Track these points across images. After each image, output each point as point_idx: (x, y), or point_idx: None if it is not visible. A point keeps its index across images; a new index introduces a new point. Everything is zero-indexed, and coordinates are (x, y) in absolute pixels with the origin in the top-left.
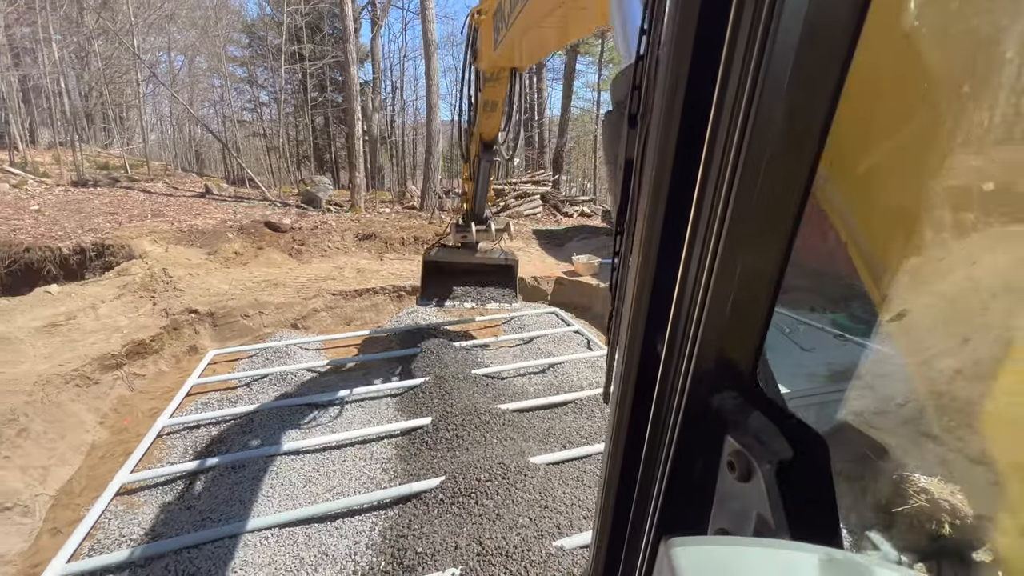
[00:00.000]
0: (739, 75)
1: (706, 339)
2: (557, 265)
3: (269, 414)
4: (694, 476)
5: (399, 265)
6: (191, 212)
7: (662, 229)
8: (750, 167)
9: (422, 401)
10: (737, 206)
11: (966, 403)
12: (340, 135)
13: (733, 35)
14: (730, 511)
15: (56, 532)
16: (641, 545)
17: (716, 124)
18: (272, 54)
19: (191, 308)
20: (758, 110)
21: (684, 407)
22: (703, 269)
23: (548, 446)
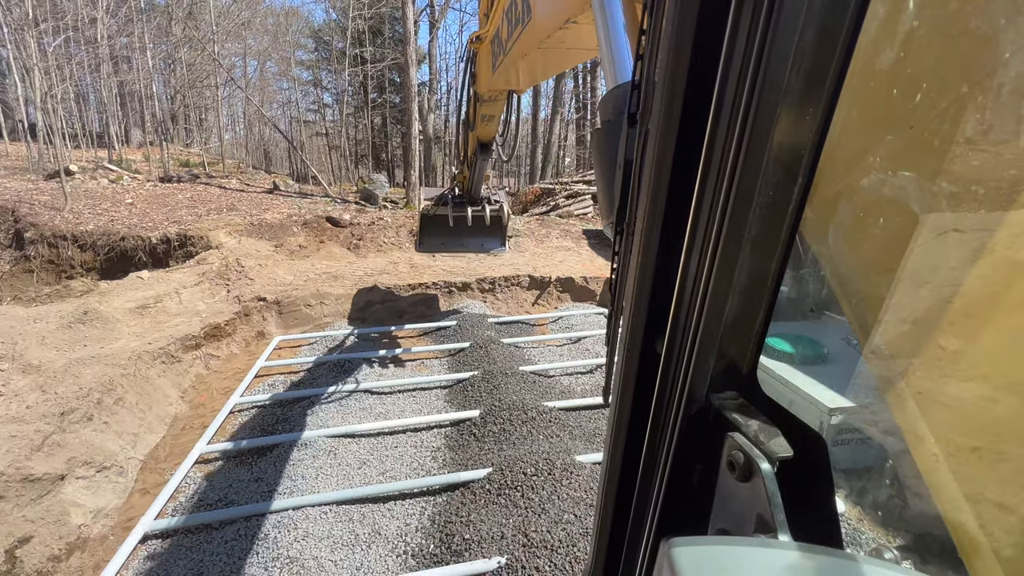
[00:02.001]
0: (738, 75)
1: (706, 339)
2: (607, 265)
3: (328, 397)
4: (694, 476)
5: (451, 262)
6: (260, 207)
7: (662, 229)
8: (750, 167)
9: (470, 394)
10: (737, 206)
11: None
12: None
13: (732, 35)
14: (730, 511)
15: (145, 492)
16: (641, 545)
17: (715, 124)
18: (336, 58)
19: (260, 296)
20: (758, 110)
21: (684, 407)
22: (703, 269)
23: (594, 446)
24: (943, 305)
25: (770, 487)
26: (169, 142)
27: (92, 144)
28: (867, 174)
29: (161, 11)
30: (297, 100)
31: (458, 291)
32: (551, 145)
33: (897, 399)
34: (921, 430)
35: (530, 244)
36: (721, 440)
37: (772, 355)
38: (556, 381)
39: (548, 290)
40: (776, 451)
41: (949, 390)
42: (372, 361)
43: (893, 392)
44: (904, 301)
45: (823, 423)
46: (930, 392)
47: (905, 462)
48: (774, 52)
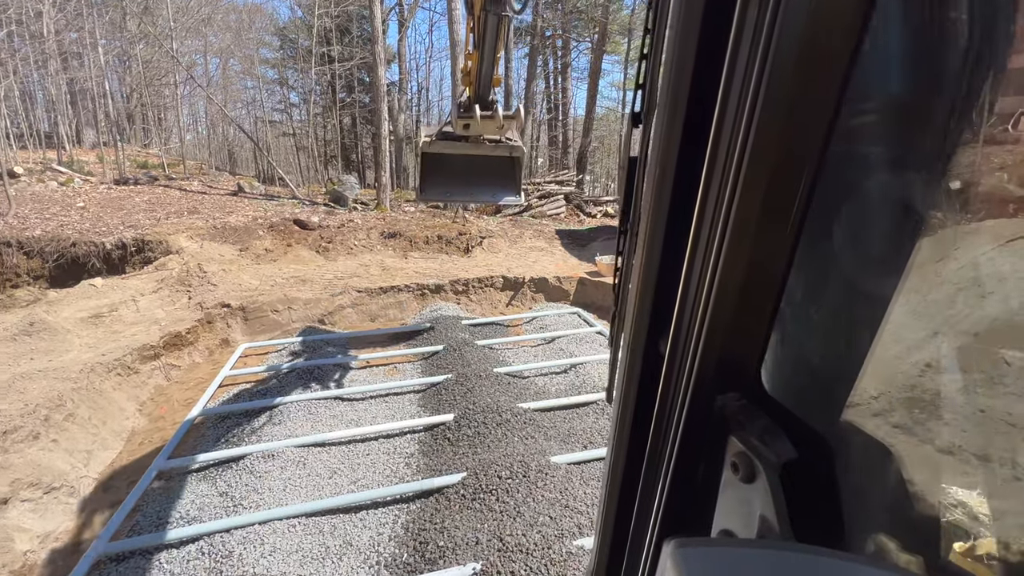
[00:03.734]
0: (744, 73)
1: (709, 339)
2: (580, 265)
3: (297, 406)
4: (697, 477)
5: (423, 264)
6: (224, 210)
7: (666, 229)
8: (754, 166)
9: (444, 398)
10: (741, 205)
11: (935, 395)
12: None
13: (738, 33)
14: (734, 512)
15: (99, 513)
16: (644, 546)
17: (720, 122)
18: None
19: (224, 303)
20: (763, 108)
21: (687, 408)
22: (707, 269)
23: (569, 446)
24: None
25: (774, 489)
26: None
27: (40, 145)
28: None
29: (114, 5)
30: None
31: (431, 293)
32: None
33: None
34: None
35: (503, 245)
36: (725, 441)
37: None
38: (531, 382)
39: (522, 291)
40: (780, 452)
41: (1018, 409)
42: (343, 367)
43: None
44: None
45: None
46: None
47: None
48: (779, 50)
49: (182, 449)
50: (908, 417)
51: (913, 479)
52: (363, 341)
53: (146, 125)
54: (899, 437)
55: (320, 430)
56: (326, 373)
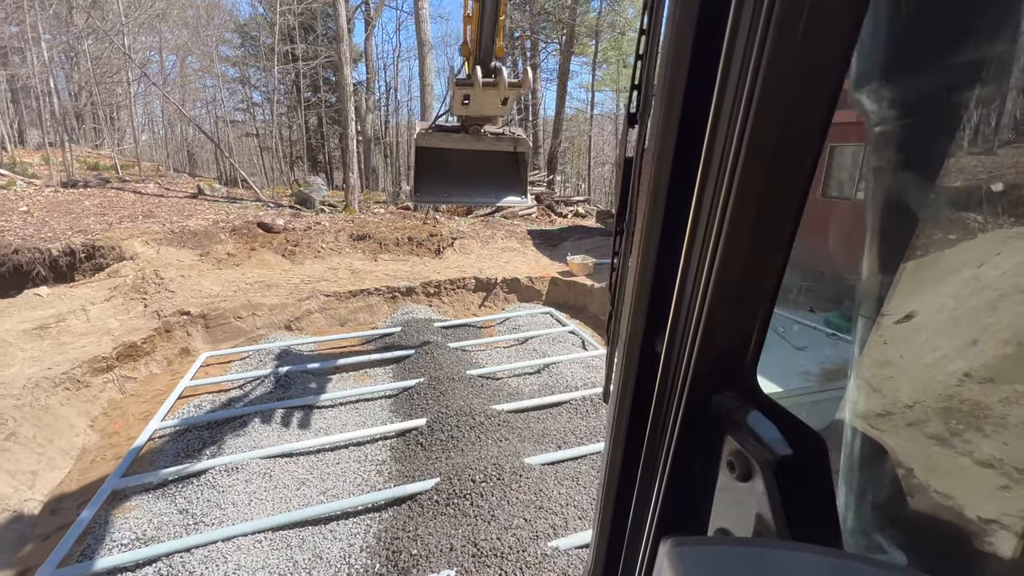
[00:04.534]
0: (739, 73)
1: (706, 339)
2: (552, 265)
3: (262, 416)
4: (694, 476)
5: (394, 266)
6: (183, 213)
7: (661, 228)
8: (750, 166)
9: (417, 402)
10: (737, 205)
11: (975, 406)
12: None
13: (733, 33)
14: (730, 511)
15: (45, 538)
16: (641, 545)
17: (716, 123)
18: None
19: (183, 310)
20: (758, 109)
21: (683, 407)
22: (702, 268)
23: (543, 447)
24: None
25: (769, 487)
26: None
27: None
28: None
29: None
30: (223, 98)
31: (402, 296)
32: None
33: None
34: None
35: (475, 246)
36: (721, 440)
37: None
38: (504, 383)
39: (494, 291)
40: (775, 451)
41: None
42: (311, 374)
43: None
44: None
45: None
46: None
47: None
48: (775, 50)
49: (138, 466)
50: (944, 428)
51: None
52: (332, 346)
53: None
54: (934, 448)
55: (287, 440)
56: (293, 381)
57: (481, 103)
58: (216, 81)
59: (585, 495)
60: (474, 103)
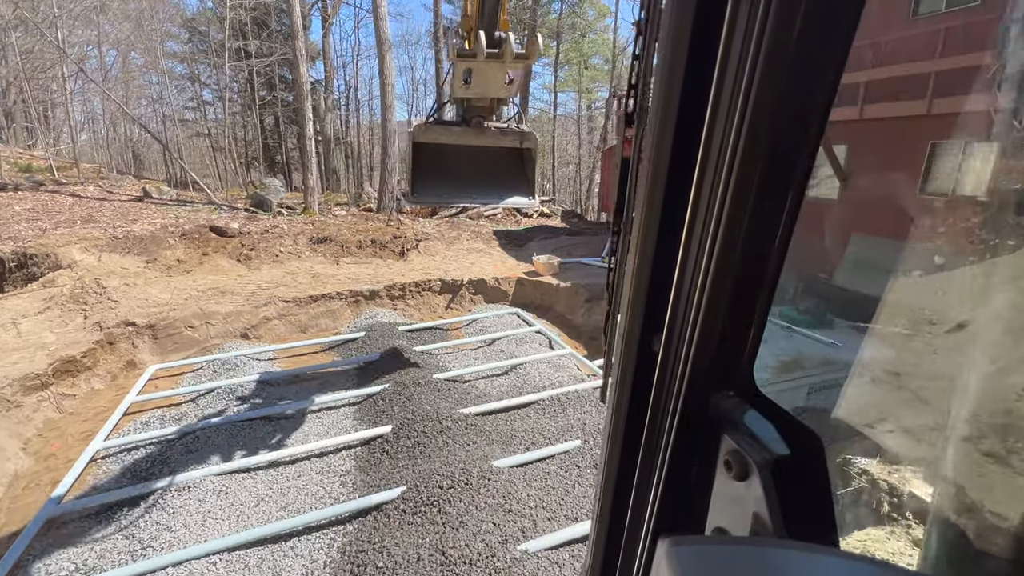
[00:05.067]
0: (735, 72)
1: (703, 338)
2: (518, 265)
3: (217, 430)
4: (691, 475)
5: (356, 269)
6: (127, 217)
7: (659, 228)
8: (746, 165)
9: (382, 409)
10: (734, 206)
11: None
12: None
13: (729, 34)
14: (727, 510)
15: None
16: (638, 545)
17: (712, 122)
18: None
19: (128, 320)
20: (754, 108)
21: (681, 406)
22: (700, 268)
23: (511, 449)
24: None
25: (766, 486)
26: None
27: None
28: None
29: None
30: (170, 96)
31: (365, 300)
32: None
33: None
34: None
35: (441, 247)
36: (718, 439)
37: None
38: (471, 386)
39: (460, 293)
40: (772, 450)
41: None
42: (270, 383)
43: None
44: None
45: None
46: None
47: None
48: (771, 51)
49: (78, 490)
50: (1002, 445)
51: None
52: (292, 354)
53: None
54: (990, 466)
55: (244, 454)
56: (250, 391)
57: (485, 81)
58: (163, 78)
59: (554, 495)
60: (477, 81)
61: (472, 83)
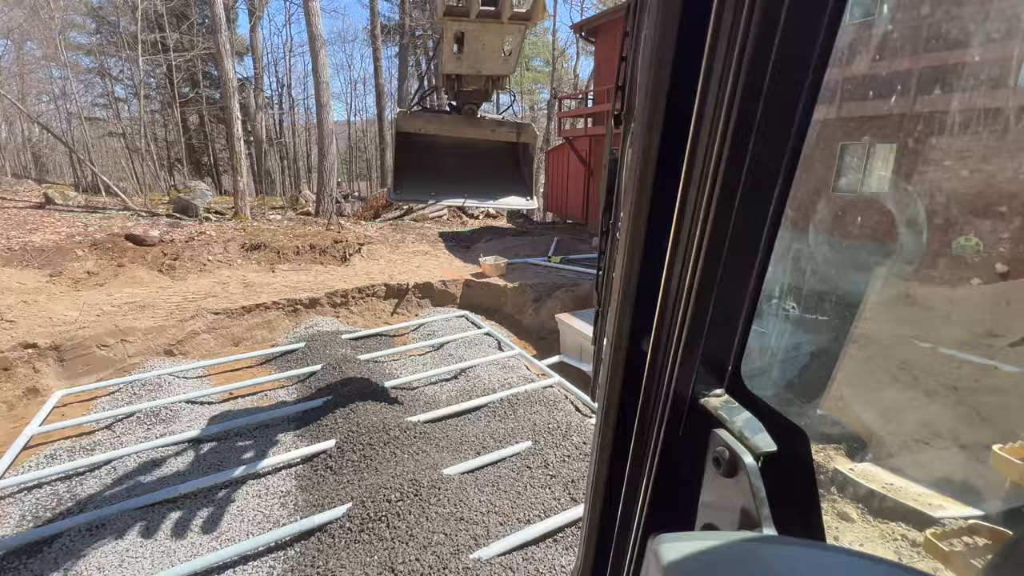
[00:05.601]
0: (720, 75)
1: (691, 337)
2: (465, 267)
3: (137, 459)
4: (681, 472)
5: (294, 277)
6: (25, 227)
7: (646, 228)
8: (733, 166)
9: (324, 422)
10: (720, 205)
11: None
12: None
13: (715, 35)
14: (716, 506)
15: None
16: (629, 542)
17: (699, 123)
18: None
19: (27, 342)
20: (740, 108)
21: (670, 404)
22: (687, 267)
23: (462, 455)
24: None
25: (754, 482)
26: None
27: None
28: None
29: None
30: (75, 92)
31: (305, 308)
32: None
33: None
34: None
35: (385, 251)
36: (707, 437)
37: None
38: (420, 393)
39: (407, 298)
40: (760, 446)
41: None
42: (199, 403)
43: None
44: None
45: None
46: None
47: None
48: (756, 51)
49: None
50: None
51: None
52: (224, 369)
53: None
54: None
55: (170, 482)
56: (176, 413)
57: (479, 50)
58: (65, 72)
59: (506, 499)
60: (469, 51)
61: (465, 53)
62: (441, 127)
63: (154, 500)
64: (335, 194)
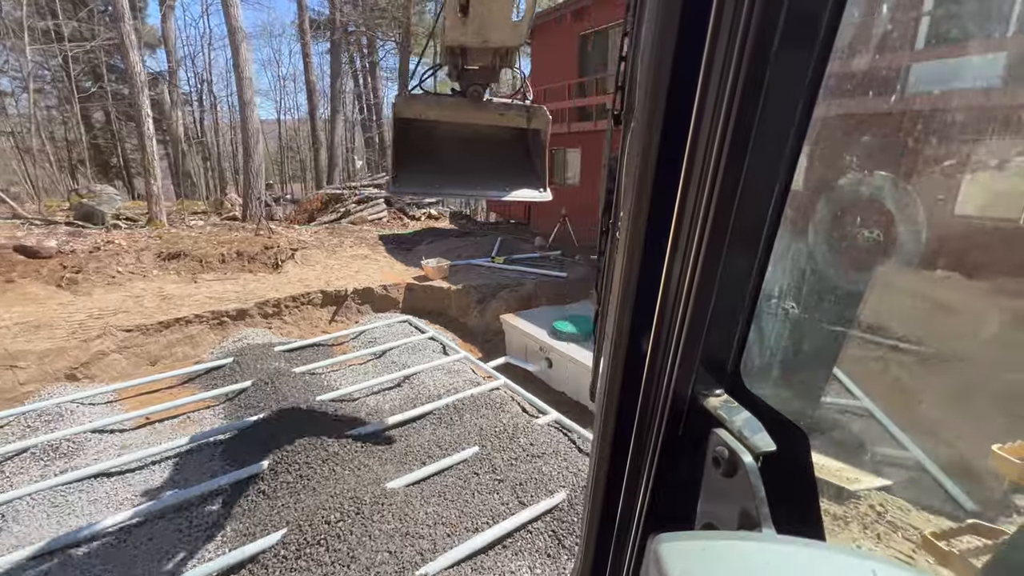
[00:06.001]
0: (720, 74)
1: (691, 336)
2: (407, 271)
3: (32, 501)
4: (681, 472)
5: (219, 287)
6: None
7: (646, 228)
8: (733, 166)
9: (256, 443)
10: (720, 205)
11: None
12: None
13: (714, 35)
14: (716, 506)
15: None
16: (629, 542)
17: (699, 122)
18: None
19: None
20: (740, 108)
21: (670, 404)
22: (687, 267)
23: (406, 466)
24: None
25: (754, 481)
26: None
27: None
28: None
29: None
30: None
31: (233, 320)
32: (335, 147)
33: None
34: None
35: (321, 256)
36: (707, 436)
37: (561, 337)
38: (361, 403)
39: (346, 304)
40: (760, 446)
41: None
42: (108, 432)
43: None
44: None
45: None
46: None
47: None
48: (756, 50)
49: None
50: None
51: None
52: (140, 392)
53: None
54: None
55: (73, 524)
56: (80, 445)
57: (485, 14)
58: None
59: (453, 508)
60: (475, 15)
61: (470, 18)
62: (444, 112)
63: (55, 547)
64: (264, 197)
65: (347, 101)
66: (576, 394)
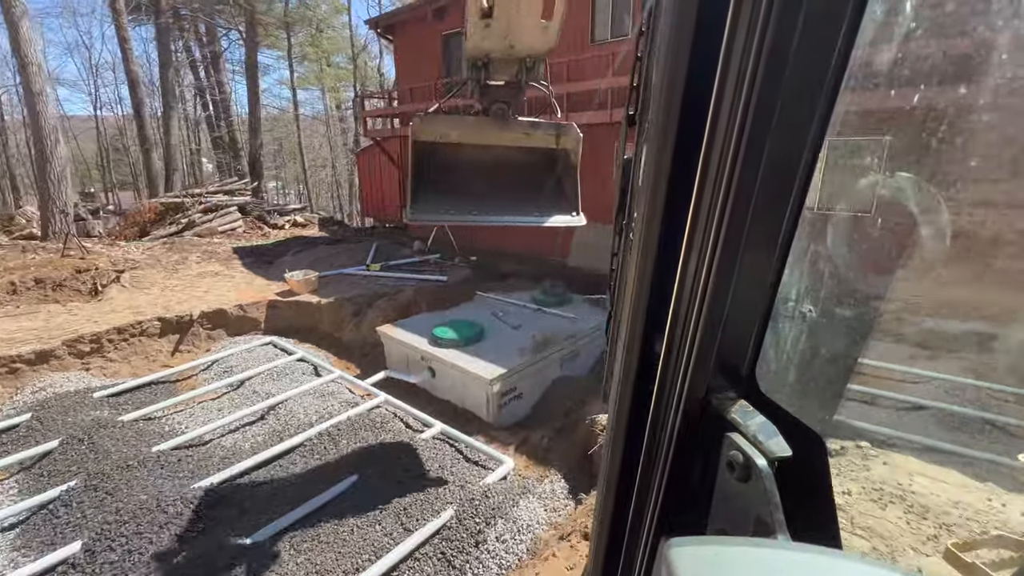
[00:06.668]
0: (737, 75)
1: (705, 339)
2: (269, 286)
3: None
4: (693, 476)
5: (12, 324)
6: None
7: (660, 228)
8: (749, 167)
9: (65, 520)
10: (736, 206)
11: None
12: None
13: (731, 36)
14: (729, 511)
15: None
16: (640, 545)
17: (714, 124)
18: None
19: None
20: (757, 110)
21: (683, 407)
22: (702, 269)
23: (272, 513)
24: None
25: (769, 487)
26: None
27: None
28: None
29: None
30: None
31: (30, 366)
32: (172, 148)
33: None
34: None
35: (158, 276)
36: (720, 440)
37: (443, 344)
38: (215, 446)
39: (192, 331)
40: (775, 451)
41: None
42: None
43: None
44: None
45: (487, 393)
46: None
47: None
48: (772, 53)
49: None
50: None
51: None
52: None
53: None
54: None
55: None
56: None
57: (512, 15)
58: None
59: (329, 553)
60: (501, 14)
61: (495, 18)
62: (465, 132)
63: None
64: (76, 209)
65: (186, 96)
66: (461, 401)
